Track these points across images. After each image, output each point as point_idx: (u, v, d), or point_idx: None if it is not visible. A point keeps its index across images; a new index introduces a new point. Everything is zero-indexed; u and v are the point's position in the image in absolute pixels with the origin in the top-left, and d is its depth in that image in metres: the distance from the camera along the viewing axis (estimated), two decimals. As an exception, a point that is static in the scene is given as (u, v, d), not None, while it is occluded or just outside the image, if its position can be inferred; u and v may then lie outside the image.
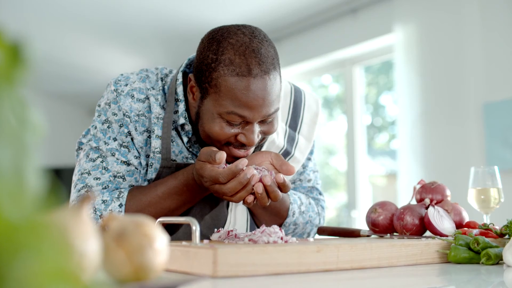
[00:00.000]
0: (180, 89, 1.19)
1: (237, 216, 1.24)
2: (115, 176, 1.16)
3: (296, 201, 1.29)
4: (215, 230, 1.02)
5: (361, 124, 3.76)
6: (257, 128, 1.10)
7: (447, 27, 3.03)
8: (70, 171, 5.24)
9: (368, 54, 3.69)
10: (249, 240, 0.89)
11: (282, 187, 1.02)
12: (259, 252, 0.77)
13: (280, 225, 1.27)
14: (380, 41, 3.52)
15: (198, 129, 1.16)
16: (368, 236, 1.18)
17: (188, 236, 1.19)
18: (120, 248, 0.56)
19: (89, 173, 1.16)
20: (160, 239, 0.58)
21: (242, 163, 0.98)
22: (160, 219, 0.92)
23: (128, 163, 1.17)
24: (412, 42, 3.17)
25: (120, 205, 1.12)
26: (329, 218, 4.37)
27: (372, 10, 3.48)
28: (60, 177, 5.47)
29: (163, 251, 0.58)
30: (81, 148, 1.21)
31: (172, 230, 1.21)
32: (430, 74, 3.09)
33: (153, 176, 1.18)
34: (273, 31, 4.01)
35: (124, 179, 1.16)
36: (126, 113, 1.17)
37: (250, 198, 1.01)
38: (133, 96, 1.18)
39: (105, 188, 1.15)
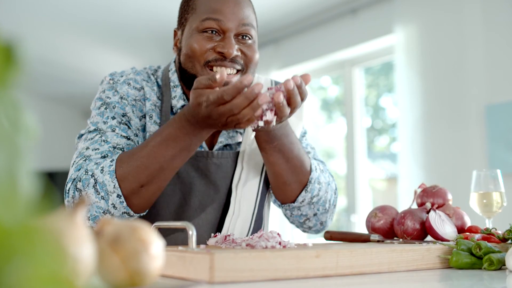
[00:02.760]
0: (174, 76, 1.24)
1: (237, 223, 1.22)
2: (114, 147, 1.14)
3: (312, 160, 1.25)
4: (212, 235, 1.01)
5: (361, 127, 3.75)
6: (234, 42, 1.15)
7: (448, 28, 3.02)
8: (64, 174, 5.20)
9: (368, 55, 3.68)
10: (247, 245, 0.88)
11: (301, 92, 1.01)
12: (256, 257, 0.75)
13: (306, 184, 1.21)
14: (380, 42, 3.51)
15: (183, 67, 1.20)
16: (378, 241, 1.14)
17: (200, 237, 1.19)
18: (115, 253, 0.55)
19: (87, 148, 1.14)
20: (155, 244, 0.57)
21: (248, 79, 0.95)
22: (156, 223, 0.91)
23: (128, 138, 1.17)
24: (413, 43, 3.17)
25: (112, 161, 1.09)
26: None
27: (372, 11, 3.47)
28: (54, 181, 5.42)
29: (159, 256, 0.57)
30: (80, 138, 1.21)
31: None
32: (431, 76, 3.08)
33: None
34: (272, 32, 4.01)
35: (123, 151, 1.14)
36: (124, 96, 1.20)
37: (270, 116, 0.98)
38: (129, 84, 1.23)
39: (104, 157, 1.12)
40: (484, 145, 2.81)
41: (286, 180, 1.19)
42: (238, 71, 1.17)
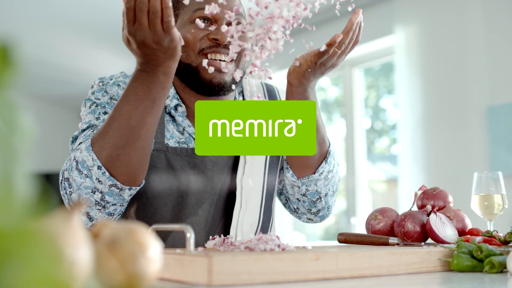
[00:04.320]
0: None
1: (246, 216, 1.22)
2: None
3: None
4: (210, 237, 1.00)
5: (361, 128, 3.74)
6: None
7: (449, 29, 3.02)
8: (61, 176, 5.18)
9: (368, 56, 3.68)
10: (246, 247, 0.87)
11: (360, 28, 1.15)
12: (255, 260, 0.75)
13: (326, 155, 1.25)
14: (380, 43, 3.51)
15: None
16: (397, 244, 1.08)
17: (198, 234, 1.19)
18: (112, 256, 0.54)
19: (80, 143, 1.14)
20: (153, 246, 0.57)
21: None
22: (154, 226, 0.90)
23: None
24: (414, 43, 3.16)
25: (89, 140, 1.08)
26: (328, 225, 4.35)
27: (372, 11, 3.47)
28: (50, 182, 5.39)
29: (157, 259, 0.57)
30: (74, 142, 1.21)
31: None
32: (432, 77, 3.08)
33: None
34: (274, 34, 4.00)
35: None
36: (113, 97, 1.21)
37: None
38: (119, 85, 1.23)
39: None
40: (485, 146, 2.81)
41: None
42: (232, 59, 1.17)
